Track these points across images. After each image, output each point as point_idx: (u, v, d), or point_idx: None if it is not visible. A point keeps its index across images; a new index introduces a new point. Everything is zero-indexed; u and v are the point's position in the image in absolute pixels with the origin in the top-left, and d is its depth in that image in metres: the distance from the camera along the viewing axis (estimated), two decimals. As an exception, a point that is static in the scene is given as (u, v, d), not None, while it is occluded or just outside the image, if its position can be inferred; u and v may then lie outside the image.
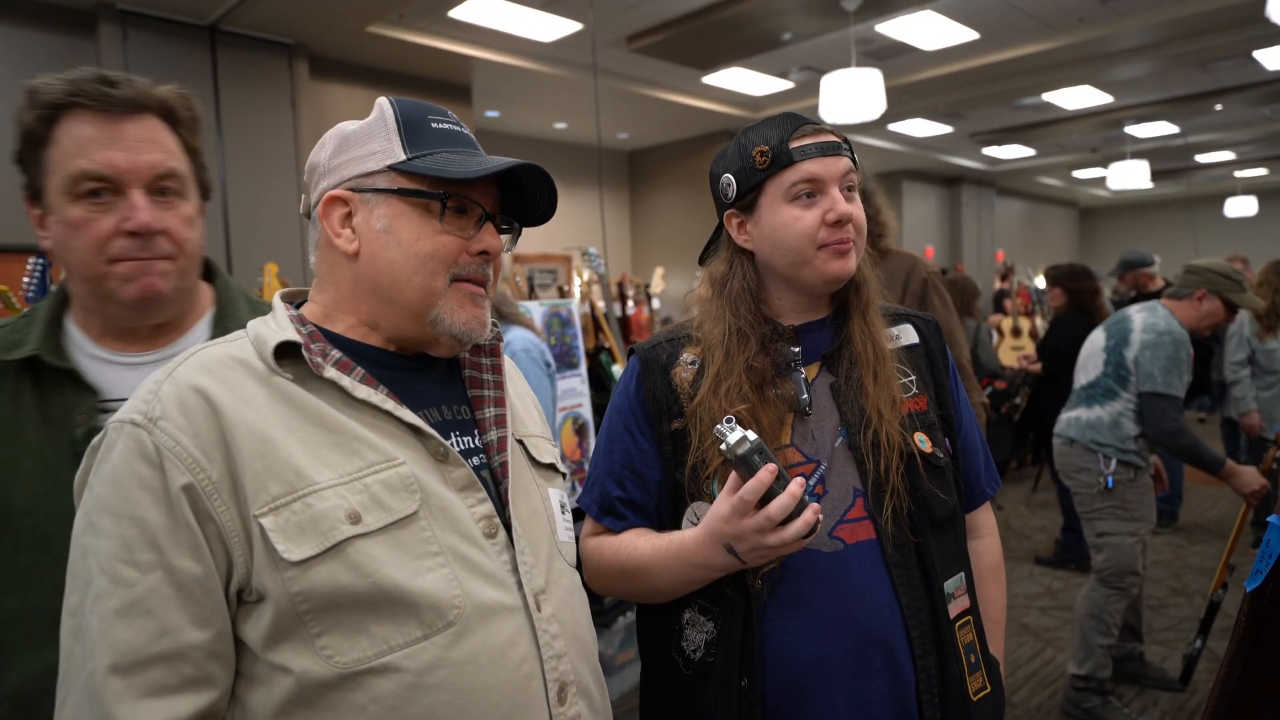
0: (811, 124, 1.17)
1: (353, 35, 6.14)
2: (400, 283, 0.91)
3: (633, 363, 1.28)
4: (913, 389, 1.23)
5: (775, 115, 1.21)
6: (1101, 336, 3.17)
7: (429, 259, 0.91)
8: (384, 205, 0.91)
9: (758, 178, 1.17)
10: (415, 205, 0.91)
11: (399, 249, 0.90)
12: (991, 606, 1.31)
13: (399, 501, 0.83)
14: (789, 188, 1.15)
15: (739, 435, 0.97)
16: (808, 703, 1.10)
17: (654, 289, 6.73)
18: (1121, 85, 8.55)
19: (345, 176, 0.92)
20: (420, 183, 0.90)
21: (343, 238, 0.92)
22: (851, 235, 1.16)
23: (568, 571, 1.00)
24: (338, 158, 0.93)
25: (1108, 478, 3.02)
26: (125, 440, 0.79)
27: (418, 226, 0.91)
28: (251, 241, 5.99)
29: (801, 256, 1.17)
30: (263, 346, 0.86)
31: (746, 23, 6.36)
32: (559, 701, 0.88)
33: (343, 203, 0.92)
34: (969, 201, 14.15)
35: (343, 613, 0.79)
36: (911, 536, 1.14)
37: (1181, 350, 2.90)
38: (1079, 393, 3.22)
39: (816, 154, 1.14)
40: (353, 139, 0.93)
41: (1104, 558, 3.04)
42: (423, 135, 0.92)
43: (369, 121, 0.93)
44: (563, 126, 9.61)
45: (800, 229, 1.15)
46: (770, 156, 1.15)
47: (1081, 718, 3.05)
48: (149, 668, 0.75)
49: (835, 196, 1.15)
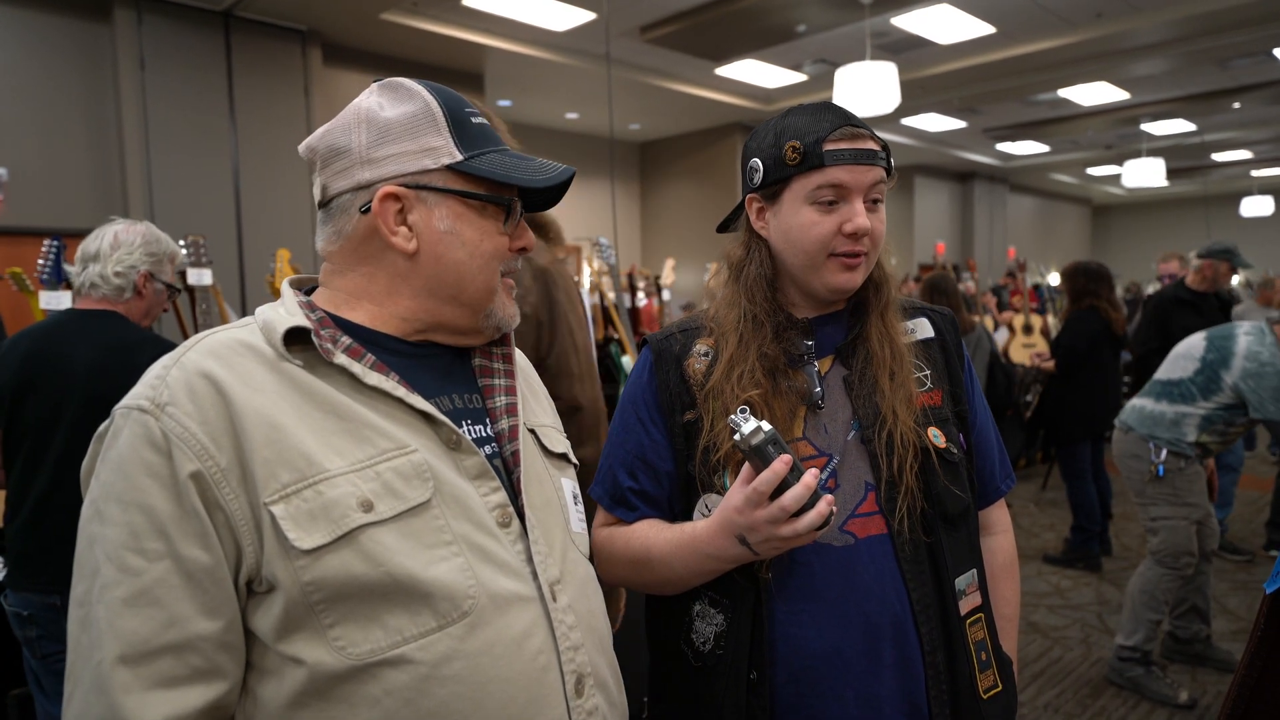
0: (853, 126, 1.14)
1: (366, 22, 6.14)
2: (465, 281, 0.91)
3: (645, 354, 1.27)
4: (927, 384, 1.21)
5: (819, 105, 1.17)
6: (1202, 346, 3.13)
7: (492, 258, 0.92)
8: (445, 205, 0.90)
9: (786, 172, 1.15)
10: (474, 206, 0.91)
11: (464, 249, 0.91)
12: (1004, 604, 1.30)
13: (412, 489, 0.82)
14: (813, 190, 1.13)
15: (753, 425, 0.96)
16: (816, 697, 1.09)
17: (664, 280, 6.71)
18: (1138, 82, 8.48)
19: (396, 172, 0.89)
20: (481, 186, 0.91)
21: (399, 235, 0.89)
22: (866, 249, 1.14)
23: (582, 562, 0.99)
24: (380, 149, 0.89)
25: (1159, 466, 3.07)
26: (132, 426, 0.77)
27: (479, 227, 0.92)
28: (263, 227, 6.00)
29: (812, 261, 1.15)
30: (272, 332, 0.84)
31: (761, 14, 6.33)
32: (576, 693, 0.87)
33: (395, 199, 0.89)
34: (981, 197, 14.08)
35: (355, 603, 0.77)
36: (924, 537, 1.13)
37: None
38: (1156, 384, 3.24)
39: (849, 160, 1.11)
40: (395, 130, 0.89)
41: (1159, 540, 3.12)
42: (468, 131, 0.92)
43: (410, 111, 0.90)
44: (575, 116, 9.59)
45: (816, 234, 1.13)
46: (802, 154, 1.13)
47: (1124, 685, 3.20)
48: (157, 658, 0.74)
49: (857, 208, 1.12)
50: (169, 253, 2.13)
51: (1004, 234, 14.58)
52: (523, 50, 6.91)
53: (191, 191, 5.76)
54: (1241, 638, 3.57)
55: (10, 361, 1.99)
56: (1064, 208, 17.65)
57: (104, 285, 2.02)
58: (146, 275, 2.06)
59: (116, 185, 5.60)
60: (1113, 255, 18.06)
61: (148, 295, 2.08)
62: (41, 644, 1.95)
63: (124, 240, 2.05)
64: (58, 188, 5.36)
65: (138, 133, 5.51)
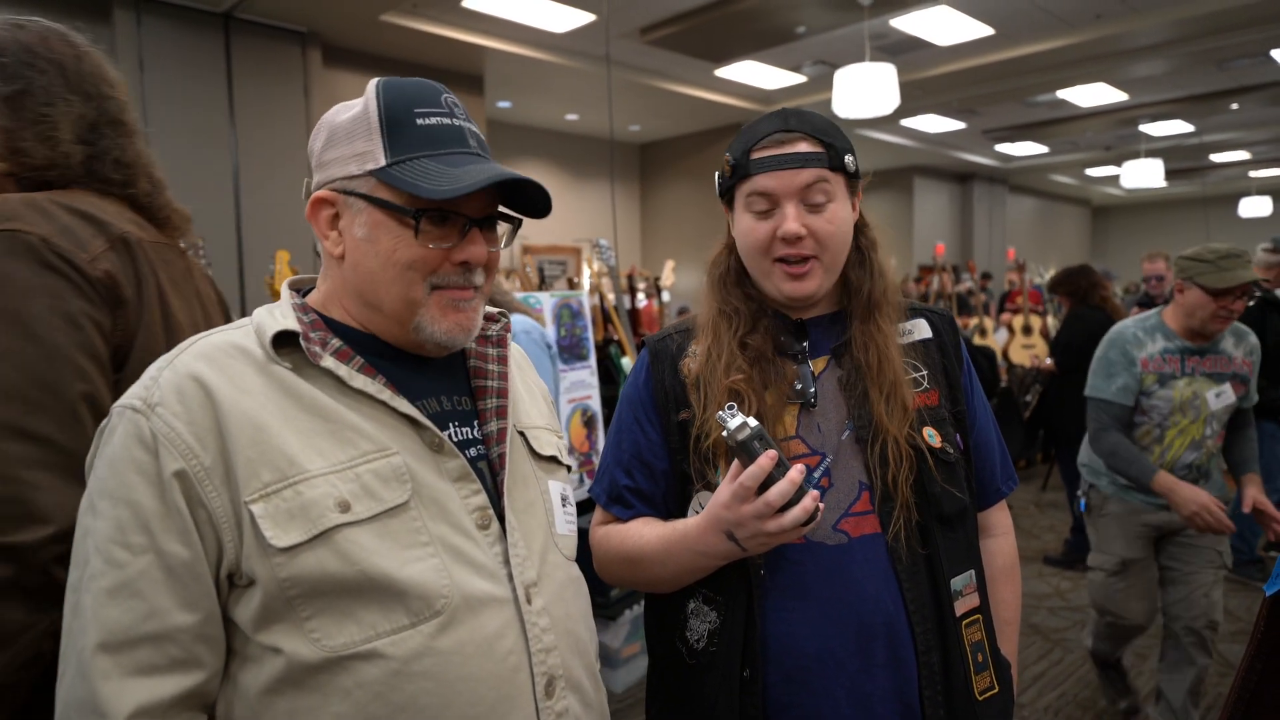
0: (783, 131, 1.15)
1: (366, 24, 6.14)
2: (380, 291, 0.90)
3: (643, 354, 1.29)
4: (924, 384, 1.22)
5: (771, 114, 1.20)
6: None
7: (406, 269, 0.89)
8: (365, 212, 0.89)
9: (727, 183, 1.21)
10: (392, 215, 0.89)
11: (377, 259, 0.89)
12: (1004, 608, 1.29)
13: (389, 491, 0.84)
14: (746, 198, 1.17)
15: (739, 421, 0.97)
16: (809, 695, 1.10)
17: (664, 282, 6.72)
18: (1137, 83, 8.49)
19: (331, 176, 0.90)
20: (396, 195, 0.87)
21: (330, 240, 0.91)
22: (811, 251, 1.14)
23: (564, 565, 0.99)
24: (327, 153, 0.91)
25: (1080, 500, 2.76)
26: (125, 425, 0.81)
27: (396, 236, 0.88)
28: (263, 229, 6.00)
29: (760, 268, 1.19)
30: (262, 335, 0.87)
31: (761, 15, 6.33)
32: (546, 695, 0.88)
33: (329, 204, 0.91)
34: (980, 198, 14.09)
35: (331, 598, 0.80)
36: (920, 548, 1.13)
37: (1111, 350, 2.58)
38: None
39: (772, 167, 1.13)
40: (339, 134, 0.91)
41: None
42: (405, 134, 0.88)
43: (353, 115, 0.90)
44: (574, 118, 9.60)
45: (753, 240, 1.17)
46: (732, 166, 1.19)
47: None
48: (136, 647, 0.77)
49: (787, 212, 1.13)
50: None
51: (1003, 235, 14.59)
52: (522, 52, 6.91)
53: (191, 193, 5.75)
54: (1240, 639, 3.57)
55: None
56: (1063, 209, 17.67)
57: None
58: None
59: (116, 187, 5.60)
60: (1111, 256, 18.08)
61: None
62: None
63: None
64: (57, 189, 5.35)
65: (137, 134, 5.51)
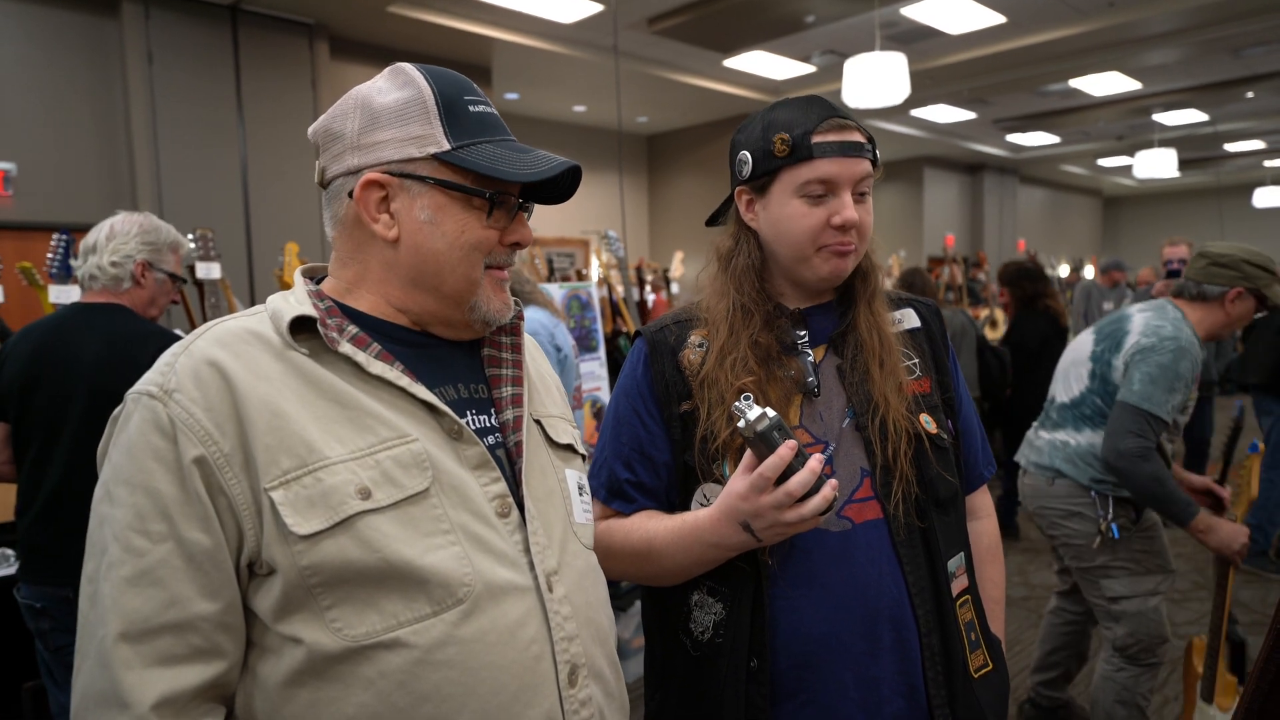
0: (840, 118, 1.14)
1: (373, 15, 6.14)
2: (444, 272, 0.91)
3: (639, 345, 1.28)
4: (916, 372, 1.24)
5: (805, 98, 1.18)
6: (1089, 341, 2.48)
7: (472, 250, 0.91)
8: (427, 195, 0.89)
9: (774, 164, 1.16)
10: (458, 198, 0.90)
11: (444, 240, 0.90)
12: (991, 586, 1.33)
13: (410, 478, 0.84)
14: (802, 184, 1.14)
15: (758, 412, 0.97)
16: (817, 681, 1.11)
17: (673, 274, 6.70)
18: (1150, 71, 8.42)
19: (382, 159, 0.89)
20: (466, 178, 0.90)
21: (380, 223, 0.90)
22: (854, 241, 1.15)
23: (583, 553, 0.99)
24: (370, 135, 0.90)
25: (1111, 525, 2.30)
26: (141, 412, 0.80)
27: (462, 219, 0.91)
28: (272, 221, 6.02)
29: (801, 253, 1.17)
30: (279, 321, 0.86)
31: (769, 5, 6.30)
32: (569, 683, 0.88)
33: (379, 186, 0.90)
34: (991, 189, 14.01)
35: (352, 587, 0.79)
36: (918, 521, 1.15)
37: (1183, 362, 2.21)
38: (1062, 410, 2.49)
39: (837, 153, 1.12)
40: (385, 116, 0.90)
41: (1125, 631, 2.33)
42: (461, 120, 0.90)
43: (403, 98, 0.90)
44: (582, 109, 9.58)
45: (805, 226, 1.14)
46: (790, 146, 1.14)
47: None
48: (158, 637, 0.76)
49: (845, 200, 1.13)
50: (169, 242, 2.13)
51: (1014, 226, 14.51)
52: (530, 43, 6.89)
53: (199, 185, 5.78)
54: (1254, 630, 3.55)
55: (17, 357, 2.00)
56: (1074, 199, 17.55)
57: (102, 276, 2.03)
58: (144, 264, 2.06)
59: (125, 180, 5.63)
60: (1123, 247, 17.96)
61: (148, 285, 2.09)
62: (54, 636, 1.96)
63: (119, 230, 2.06)
64: (66, 183, 5.39)
65: (146, 127, 5.53)
